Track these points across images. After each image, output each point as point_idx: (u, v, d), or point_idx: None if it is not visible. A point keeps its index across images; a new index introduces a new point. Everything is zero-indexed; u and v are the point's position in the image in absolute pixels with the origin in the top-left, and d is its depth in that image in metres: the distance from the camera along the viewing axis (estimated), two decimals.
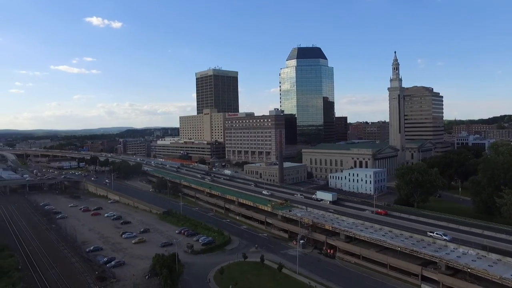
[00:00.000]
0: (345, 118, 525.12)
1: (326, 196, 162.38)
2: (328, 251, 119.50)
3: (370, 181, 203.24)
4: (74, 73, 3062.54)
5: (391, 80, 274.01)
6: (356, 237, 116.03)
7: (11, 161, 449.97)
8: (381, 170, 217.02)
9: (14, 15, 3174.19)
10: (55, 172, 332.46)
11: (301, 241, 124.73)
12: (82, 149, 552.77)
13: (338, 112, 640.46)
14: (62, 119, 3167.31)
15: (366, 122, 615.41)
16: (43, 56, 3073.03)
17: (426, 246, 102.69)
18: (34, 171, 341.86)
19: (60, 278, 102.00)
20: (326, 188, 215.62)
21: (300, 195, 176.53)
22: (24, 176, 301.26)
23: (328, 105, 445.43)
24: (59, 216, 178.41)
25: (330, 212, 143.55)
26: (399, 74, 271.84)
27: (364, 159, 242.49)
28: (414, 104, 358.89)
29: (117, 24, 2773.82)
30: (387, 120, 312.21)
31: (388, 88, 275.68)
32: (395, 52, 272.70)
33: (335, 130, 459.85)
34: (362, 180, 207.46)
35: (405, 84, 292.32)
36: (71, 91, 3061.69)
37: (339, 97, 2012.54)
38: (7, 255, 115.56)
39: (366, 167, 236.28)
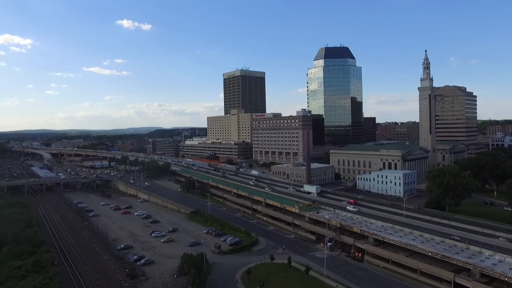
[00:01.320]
0: (374, 119, 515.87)
1: (311, 189, 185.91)
2: (356, 254, 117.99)
3: (400, 183, 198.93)
4: (106, 75, 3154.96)
5: (421, 80, 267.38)
6: (385, 240, 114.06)
7: (47, 160, 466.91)
8: (411, 172, 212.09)
9: (50, 21, 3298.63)
10: (88, 171, 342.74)
11: (329, 244, 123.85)
12: (113, 148, 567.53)
13: (367, 112, 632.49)
14: (94, 119, 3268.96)
15: (395, 123, 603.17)
16: (76, 59, 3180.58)
17: (459, 252, 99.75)
18: (68, 170, 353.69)
19: (93, 274, 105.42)
20: (354, 190, 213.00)
21: (292, 188, 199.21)
22: (59, 174, 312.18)
23: (356, 105, 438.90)
24: (92, 214, 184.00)
25: (358, 214, 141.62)
26: (430, 74, 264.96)
27: (393, 160, 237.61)
28: (446, 104, 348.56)
29: (146, 26, 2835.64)
30: (417, 120, 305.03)
31: (419, 88, 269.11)
32: (425, 51, 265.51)
33: (363, 131, 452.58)
34: (391, 182, 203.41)
35: (436, 84, 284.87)
36: (103, 92, 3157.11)
37: (368, 97, 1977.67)
38: (44, 251, 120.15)
39: (395, 169, 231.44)
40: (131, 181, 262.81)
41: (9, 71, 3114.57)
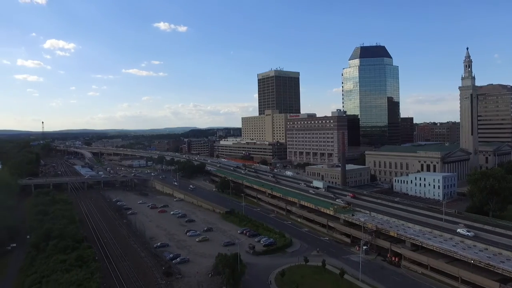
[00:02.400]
0: (411, 119, 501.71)
1: (319, 184, 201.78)
2: (393, 258, 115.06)
3: (439, 186, 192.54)
4: (143, 76, 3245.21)
5: (462, 79, 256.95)
6: (423, 245, 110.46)
7: (88, 159, 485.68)
8: (451, 175, 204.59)
9: (92, 25, 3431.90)
10: (126, 170, 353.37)
11: (364, 247, 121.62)
12: (150, 148, 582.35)
13: (404, 112, 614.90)
14: (132, 119, 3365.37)
15: (434, 123, 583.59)
16: (116, 61, 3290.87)
17: (504, 261, 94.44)
18: (108, 168, 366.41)
19: (131, 271, 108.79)
20: (390, 192, 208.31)
21: (304, 184, 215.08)
22: (99, 173, 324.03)
23: (393, 105, 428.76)
24: (130, 212, 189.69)
25: (395, 218, 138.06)
26: (471, 72, 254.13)
27: (432, 162, 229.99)
28: (489, 103, 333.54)
29: (182, 28, 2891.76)
30: (458, 120, 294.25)
31: (460, 87, 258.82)
32: (467, 48, 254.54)
33: (400, 132, 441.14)
34: (429, 185, 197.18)
35: (479, 82, 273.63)
36: (140, 93, 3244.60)
37: (405, 96, 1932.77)
38: (86, 246, 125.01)
39: (434, 171, 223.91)
40: (175, 183, 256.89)
41: (54, 74, 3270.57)
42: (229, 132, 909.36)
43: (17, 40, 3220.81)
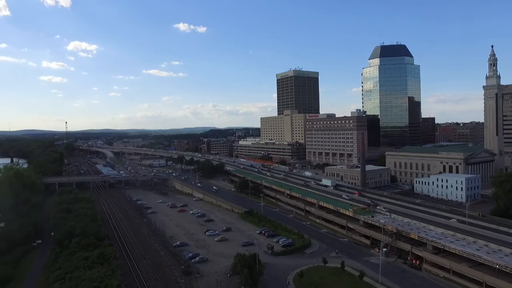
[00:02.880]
0: (433, 119, 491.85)
1: (328, 183, 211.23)
2: (414, 261, 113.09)
3: (462, 188, 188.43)
4: (163, 76, 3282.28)
5: (487, 78, 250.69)
6: (445, 249, 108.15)
7: (109, 158, 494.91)
8: (475, 177, 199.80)
9: (114, 27, 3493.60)
10: (146, 170, 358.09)
11: (384, 249, 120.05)
12: (170, 148, 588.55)
13: (425, 112, 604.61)
14: (152, 120, 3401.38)
15: (457, 123, 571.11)
16: (136, 62, 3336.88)
17: None
18: (129, 168, 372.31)
19: (151, 269, 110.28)
20: (411, 193, 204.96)
21: (314, 182, 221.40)
22: (120, 172, 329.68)
23: (414, 105, 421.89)
24: (150, 211, 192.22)
25: (416, 220, 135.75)
26: (497, 71, 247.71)
27: (454, 163, 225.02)
28: None
29: (202, 29, 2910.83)
30: (482, 121, 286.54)
31: (484, 86, 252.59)
32: (492, 46, 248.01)
33: (422, 132, 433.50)
34: (452, 186, 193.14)
35: (504, 81, 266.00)
36: (160, 93, 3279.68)
37: (426, 96, 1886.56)
38: (108, 244, 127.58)
39: (457, 172, 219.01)
40: (199, 184, 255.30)
41: (77, 75, 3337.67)
42: (248, 132, 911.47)
43: (43, 43, 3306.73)
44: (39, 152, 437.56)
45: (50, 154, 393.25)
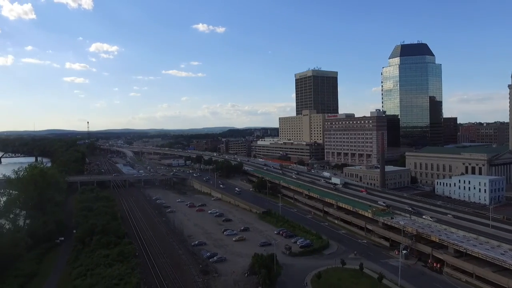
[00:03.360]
0: (455, 119, 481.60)
1: (337, 181, 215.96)
2: (434, 264, 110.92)
3: (485, 190, 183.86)
4: (182, 77, 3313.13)
5: None
6: (467, 252, 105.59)
7: (129, 157, 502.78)
8: (499, 178, 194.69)
9: (134, 28, 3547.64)
10: (166, 169, 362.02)
11: (404, 251, 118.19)
12: (188, 148, 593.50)
13: (447, 112, 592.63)
14: (171, 119, 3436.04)
15: (480, 123, 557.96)
16: (156, 62, 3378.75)
17: None
18: (148, 167, 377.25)
19: (169, 267, 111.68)
20: (432, 195, 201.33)
21: (324, 180, 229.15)
22: (140, 171, 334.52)
23: (435, 105, 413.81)
24: (169, 210, 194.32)
25: (436, 222, 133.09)
26: None
27: (477, 165, 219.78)
28: None
29: (221, 29, 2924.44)
30: (506, 120, 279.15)
31: (509, 85, 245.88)
32: None
33: (443, 132, 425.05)
34: (475, 188, 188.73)
35: None
36: (179, 93, 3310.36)
37: (448, 95, 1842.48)
38: (127, 242, 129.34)
39: (480, 174, 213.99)
40: (221, 186, 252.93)
41: (99, 76, 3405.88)
42: (266, 132, 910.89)
43: (66, 45, 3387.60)
44: (62, 151, 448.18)
45: (73, 153, 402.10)
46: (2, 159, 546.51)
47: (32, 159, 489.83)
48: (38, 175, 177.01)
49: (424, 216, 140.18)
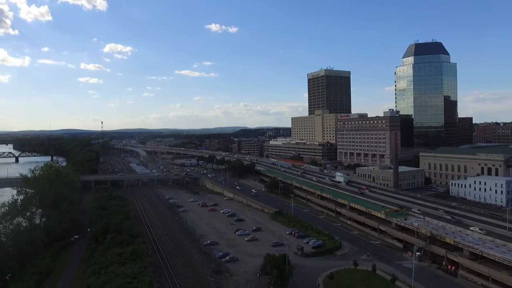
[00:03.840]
0: (470, 119, 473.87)
1: (341, 179, 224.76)
2: (449, 267, 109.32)
3: (502, 191, 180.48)
4: (195, 77, 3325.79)
5: None
6: (483, 255, 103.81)
7: (142, 157, 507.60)
8: None
9: (147, 29, 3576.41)
10: (178, 169, 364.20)
11: (418, 253, 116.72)
12: (201, 147, 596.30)
13: (462, 112, 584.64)
14: (184, 119, 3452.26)
15: (497, 123, 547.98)
16: (169, 63, 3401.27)
17: None
18: (161, 167, 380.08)
19: (182, 267, 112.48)
20: (446, 196, 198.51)
21: (328, 178, 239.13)
22: (153, 171, 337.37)
23: (450, 105, 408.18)
24: (181, 209, 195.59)
25: (451, 223, 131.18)
26: None
27: (493, 165, 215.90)
28: None
29: (233, 29, 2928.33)
30: None
31: None
32: None
33: (458, 132, 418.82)
34: (491, 189, 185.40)
35: None
36: (192, 93, 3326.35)
37: (463, 95, 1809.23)
38: (140, 241, 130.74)
39: (496, 175, 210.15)
40: (237, 187, 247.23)
41: (113, 76, 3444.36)
42: (278, 132, 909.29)
43: (81, 46, 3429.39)
44: (77, 150, 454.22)
45: (87, 153, 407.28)
46: (20, 158, 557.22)
47: (48, 158, 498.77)
48: (53, 174, 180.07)
49: (471, 228, 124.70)
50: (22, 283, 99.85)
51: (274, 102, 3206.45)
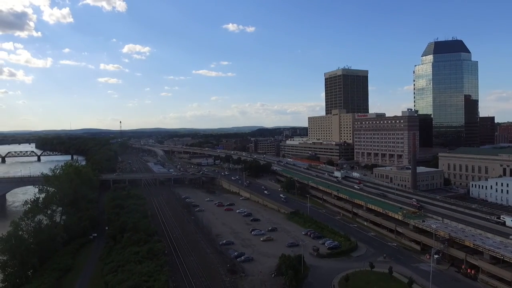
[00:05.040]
0: (492, 118, 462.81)
1: (338, 174, 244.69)
2: (468, 270, 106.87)
3: None
4: (212, 76, 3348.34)
5: None
6: (505, 259, 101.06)
7: (160, 156, 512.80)
8: None
9: (165, 29, 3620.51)
10: (195, 168, 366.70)
11: (436, 256, 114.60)
12: (218, 147, 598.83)
13: (483, 111, 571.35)
14: (201, 119, 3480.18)
15: None
16: (187, 63, 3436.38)
17: None
18: (178, 166, 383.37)
19: (197, 266, 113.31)
20: (466, 198, 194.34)
21: (327, 174, 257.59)
22: (170, 170, 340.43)
23: (471, 104, 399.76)
24: (197, 209, 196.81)
25: (471, 226, 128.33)
26: None
27: None
28: None
29: (250, 29, 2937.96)
30: None
31: None
32: None
33: (479, 132, 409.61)
34: None
35: None
36: (209, 93, 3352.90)
37: (485, 94, 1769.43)
38: (157, 240, 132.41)
39: None
40: (265, 192, 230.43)
41: (132, 76, 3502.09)
42: (295, 131, 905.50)
43: (100, 46, 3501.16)
44: (96, 150, 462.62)
45: (106, 152, 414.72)
46: (41, 157, 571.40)
47: (68, 157, 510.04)
48: (73, 173, 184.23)
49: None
50: (43, 279, 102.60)
51: (291, 102, 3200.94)
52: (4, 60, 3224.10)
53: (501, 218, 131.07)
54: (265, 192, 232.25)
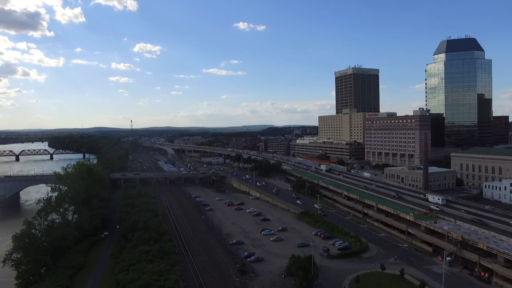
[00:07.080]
0: (506, 117, 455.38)
1: (323, 167, 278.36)
2: (482, 273, 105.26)
3: None
4: (222, 75, 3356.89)
5: None
6: None
7: (170, 155, 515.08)
8: None
9: (176, 28, 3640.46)
10: (205, 167, 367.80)
11: (448, 258, 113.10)
12: (228, 146, 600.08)
13: (497, 110, 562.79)
14: (211, 118, 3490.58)
15: None
16: (197, 61, 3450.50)
17: None
18: (188, 165, 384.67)
19: (207, 266, 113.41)
20: (479, 198, 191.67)
21: (314, 167, 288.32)
22: (180, 169, 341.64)
23: (484, 103, 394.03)
24: (208, 208, 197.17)
25: (484, 228, 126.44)
26: None
27: None
28: None
29: (261, 27, 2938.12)
30: None
31: None
32: None
33: (493, 132, 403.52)
34: None
35: None
36: (219, 92, 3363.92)
37: (499, 92, 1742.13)
38: (167, 239, 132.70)
39: None
40: (276, 193, 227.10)
41: (142, 75, 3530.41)
42: (305, 130, 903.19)
43: (112, 46, 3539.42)
44: (107, 148, 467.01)
45: (117, 150, 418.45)
46: (54, 156, 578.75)
47: (80, 156, 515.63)
48: (84, 172, 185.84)
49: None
50: (56, 277, 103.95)
51: (301, 100, 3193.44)
52: (18, 60, 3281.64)
53: None
54: (275, 193, 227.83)
